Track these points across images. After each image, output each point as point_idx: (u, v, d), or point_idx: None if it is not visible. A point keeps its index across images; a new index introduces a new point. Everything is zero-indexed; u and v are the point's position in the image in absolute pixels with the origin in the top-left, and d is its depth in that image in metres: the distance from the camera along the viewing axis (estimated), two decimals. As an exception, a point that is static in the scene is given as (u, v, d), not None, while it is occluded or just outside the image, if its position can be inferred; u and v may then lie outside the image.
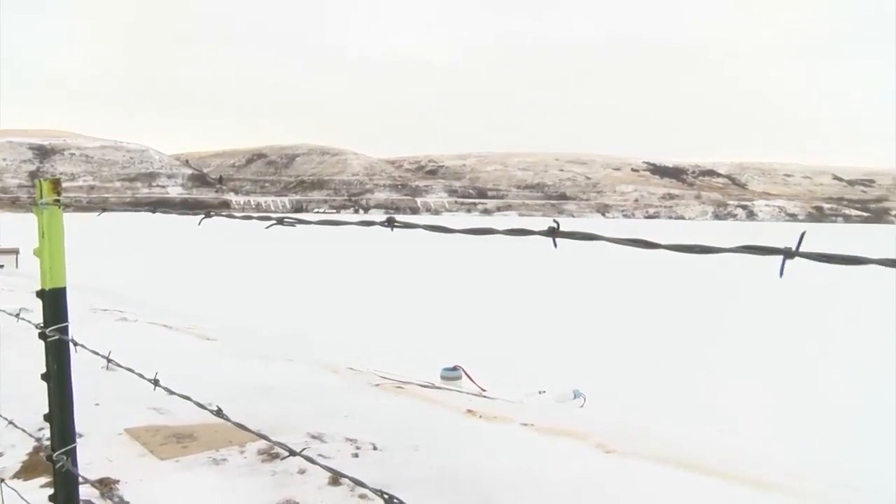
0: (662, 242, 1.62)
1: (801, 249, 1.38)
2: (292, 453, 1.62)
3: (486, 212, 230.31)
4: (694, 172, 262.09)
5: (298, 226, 1.70)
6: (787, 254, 1.43)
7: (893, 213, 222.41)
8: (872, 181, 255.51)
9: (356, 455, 3.80)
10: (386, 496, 1.43)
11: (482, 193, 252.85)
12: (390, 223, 1.58)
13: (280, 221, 1.69)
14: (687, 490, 2.36)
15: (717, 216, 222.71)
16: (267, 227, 1.64)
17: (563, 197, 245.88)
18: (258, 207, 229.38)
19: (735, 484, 2.49)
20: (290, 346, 9.74)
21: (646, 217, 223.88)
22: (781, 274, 1.44)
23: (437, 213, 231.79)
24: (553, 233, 1.65)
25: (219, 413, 1.84)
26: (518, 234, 1.77)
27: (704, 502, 2.30)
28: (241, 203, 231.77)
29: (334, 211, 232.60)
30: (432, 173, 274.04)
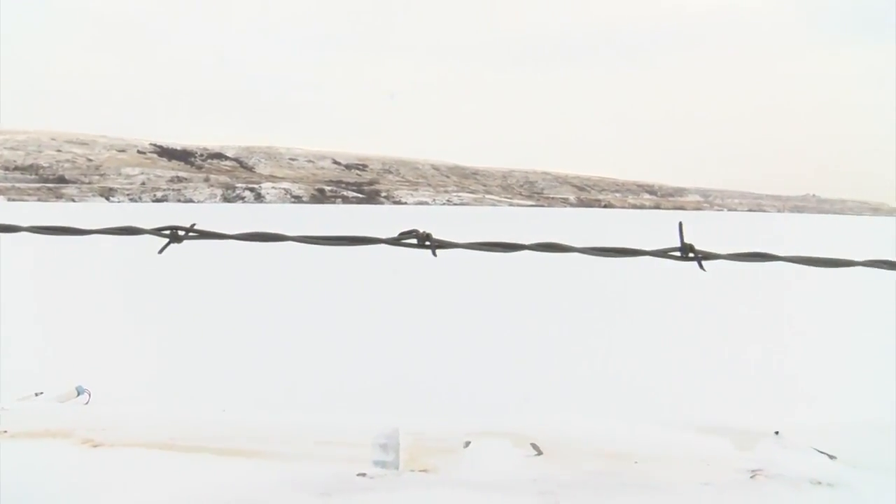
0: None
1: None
2: None
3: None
4: (202, 155, 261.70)
5: None
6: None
7: (383, 194, 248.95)
8: (366, 165, 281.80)
9: None
10: None
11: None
12: None
13: None
14: (168, 467, 2.62)
15: (226, 199, 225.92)
16: None
17: (62, 180, 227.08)
18: None
19: (223, 455, 2.77)
20: None
21: (154, 201, 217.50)
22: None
23: None
24: None
25: None
26: None
27: (179, 474, 2.54)
28: None
29: None
30: None
